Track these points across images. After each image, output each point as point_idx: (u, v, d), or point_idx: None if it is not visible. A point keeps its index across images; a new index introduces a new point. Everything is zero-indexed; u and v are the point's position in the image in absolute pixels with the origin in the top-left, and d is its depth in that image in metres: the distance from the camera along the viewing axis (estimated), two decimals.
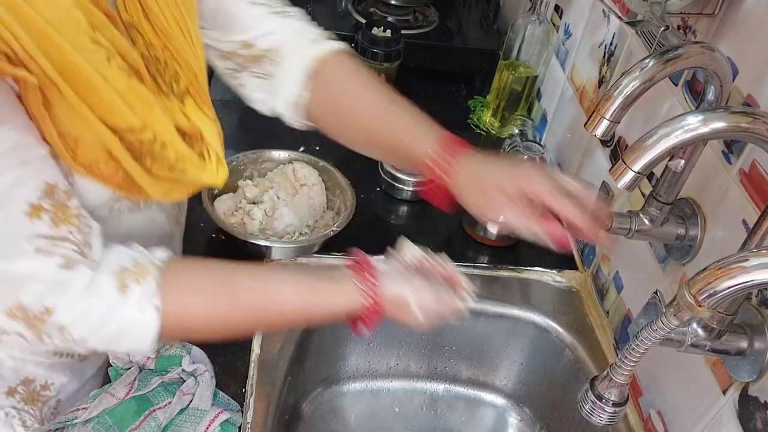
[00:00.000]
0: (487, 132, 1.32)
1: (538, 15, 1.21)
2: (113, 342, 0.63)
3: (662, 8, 0.76)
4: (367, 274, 0.71)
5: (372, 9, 1.48)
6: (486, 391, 1.05)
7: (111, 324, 0.61)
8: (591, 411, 0.62)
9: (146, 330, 0.62)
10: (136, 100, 0.61)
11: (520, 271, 1.02)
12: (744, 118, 0.56)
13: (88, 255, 0.60)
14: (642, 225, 0.76)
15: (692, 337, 0.65)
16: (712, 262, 0.49)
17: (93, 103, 0.57)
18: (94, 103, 0.57)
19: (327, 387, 1.02)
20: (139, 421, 0.73)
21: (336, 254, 0.98)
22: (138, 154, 0.63)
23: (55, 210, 0.57)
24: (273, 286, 0.70)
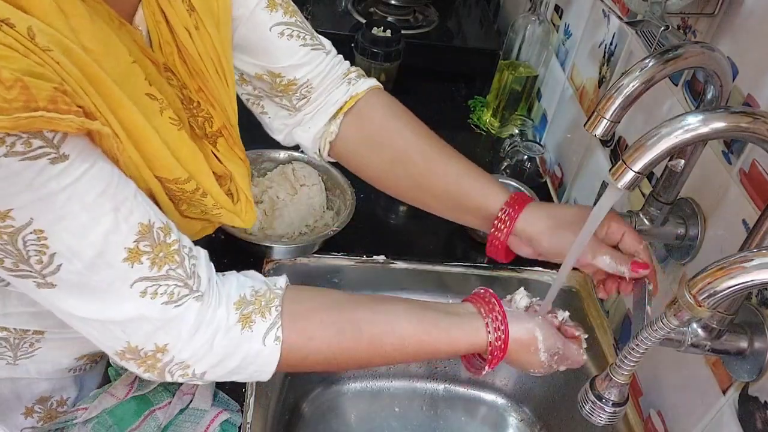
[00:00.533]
0: (487, 132, 1.32)
1: (538, 15, 1.21)
2: (233, 374, 0.63)
3: (662, 8, 0.76)
4: (496, 311, 0.70)
5: (372, 9, 1.48)
6: (486, 391, 1.05)
7: (234, 358, 0.61)
8: (591, 411, 0.62)
9: (268, 361, 0.63)
10: (183, 150, 0.61)
11: (520, 271, 1.02)
12: (744, 118, 0.56)
13: (193, 287, 0.59)
14: (642, 225, 0.76)
15: (692, 337, 0.65)
16: (712, 262, 0.49)
17: (145, 155, 0.58)
18: (146, 155, 0.58)
19: (327, 387, 1.02)
20: (139, 421, 0.73)
21: (336, 254, 0.98)
22: (178, 201, 0.64)
23: (155, 250, 0.56)
24: (395, 319, 0.68)
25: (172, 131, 0.60)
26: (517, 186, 1.10)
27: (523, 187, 1.10)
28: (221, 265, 0.94)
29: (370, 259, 0.99)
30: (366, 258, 0.99)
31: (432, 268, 1.00)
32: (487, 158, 1.26)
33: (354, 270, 0.97)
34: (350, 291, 0.94)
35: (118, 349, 0.58)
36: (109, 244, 0.53)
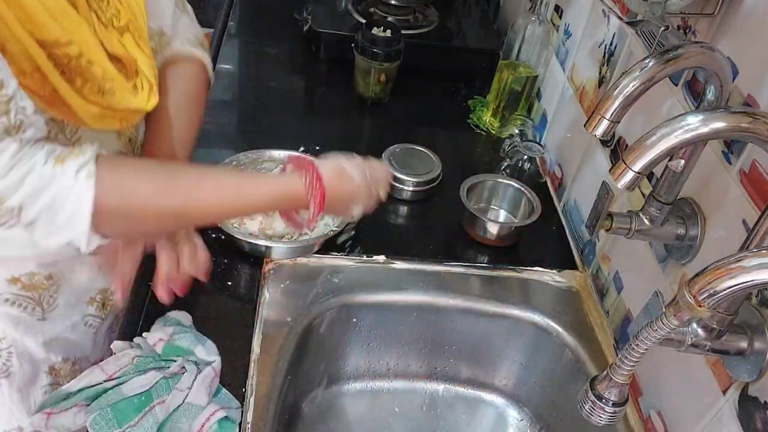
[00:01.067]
0: (487, 132, 1.32)
1: (538, 15, 1.21)
2: (51, 213, 0.63)
3: (662, 8, 0.76)
4: (305, 162, 0.76)
5: (372, 9, 1.48)
6: (486, 391, 1.05)
7: (47, 193, 0.62)
8: (591, 411, 0.62)
9: (81, 199, 0.63)
10: (64, 17, 0.63)
11: (520, 271, 1.02)
12: (744, 118, 0.56)
13: (13, 133, 0.61)
14: (642, 225, 0.76)
15: (692, 337, 0.65)
16: (712, 262, 0.49)
17: (18, 14, 0.59)
18: (20, 14, 0.59)
19: (327, 387, 1.02)
20: (139, 417, 0.73)
21: (336, 254, 0.98)
22: (65, 70, 0.64)
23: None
24: (213, 169, 0.74)
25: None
26: (518, 186, 1.10)
27: (523, 187, 1.10)
28: (221, 265, 0.95)
29: (370, 259, 0.99)
30: (366, 258, 0.99)
31: (432, 268, 1.00)
32: (487, 158, 1.26)
33: (354, 270, 0.97)
34: (350, 291, 0.95)
35: None
36: None
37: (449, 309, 0.97)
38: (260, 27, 1.57)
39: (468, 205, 1.04)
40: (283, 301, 0.91)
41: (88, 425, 0.73)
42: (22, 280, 0.79)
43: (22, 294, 0.80)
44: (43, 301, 0.83)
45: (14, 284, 0.79)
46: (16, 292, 0.80)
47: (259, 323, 0.88)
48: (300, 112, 1.34)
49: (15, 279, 0.79)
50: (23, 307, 0.81)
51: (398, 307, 0.97)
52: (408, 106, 1.38)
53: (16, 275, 0.79)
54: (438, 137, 1.29)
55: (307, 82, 1.43)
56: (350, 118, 1.33)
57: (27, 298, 0.81)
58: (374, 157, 0.84)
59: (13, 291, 0.80)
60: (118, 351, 0.80)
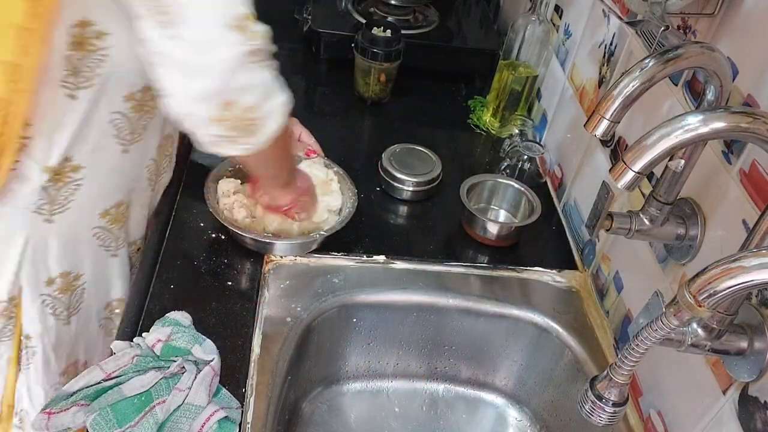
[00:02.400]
0: (487, 132, 1.32)
1: (538, 15, 1.21)
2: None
3: (662, 8, 0.76)
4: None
5: (372, 9, 1.48)
6: (486, 391, 1.05)
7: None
8: (591, 411, 0.62)
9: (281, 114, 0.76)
10: None
11: (520, 271, 1.02)
12: (744, 118, 0.56)
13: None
14: (642, 225, 0.76)
15: (692, 337, 0.65)
16: (712, 262, 0.49)
17: None
18: None
19: (327, 387, 1.02)
20: (139, 417, 0.73)
21: (336, 254, 0.99)
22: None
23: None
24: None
25: None
26: (518, 186, 1.10)
27: (523, 187, 1.10)
28: (221, 265, 0.95)
29: (370, 259, 0.99)
30: (366, 258, 0.99)
31: (432, 268, 1.00)
32: (487, 158, 1.26)
33: (354, 270, 0.97)
34: (350, 291, 0.95)
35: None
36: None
37: (449, 309, 0.97)
38: None
39: (468, 205, 1.04)
40: (283, 300, 0.91)
41: (88, 425, 0.73)
42: (111, 212, 0.88)
43: (108, 228, 0.89)
44: (119, 236, 0.93)
45: (104, 218, 0.88)
46: (104, 225, 0.89)
47: (259, 323, 0.88)
48: (300, 112, 1.33)
49: (106, 212, 0.88)
50: (103, 241, 0.90)
51: (398, 307, 0.97)
52: (408, 106, 1.38)
53: (109, 207, 0.88)
54: (438, 137, 1.29)
55: (307, 82, 1.43)
56: (350, 118, 1.33)
57: (109, 232, 0.90)
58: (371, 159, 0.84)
59: (102, 224, 0.88)
60: (117, 351, 0.80)
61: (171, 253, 0.95)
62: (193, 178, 1.05)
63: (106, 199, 0.87)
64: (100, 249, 0.90)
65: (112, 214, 0.89)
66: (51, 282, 0.86)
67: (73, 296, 0.90)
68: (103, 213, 0.88)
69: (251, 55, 0.68)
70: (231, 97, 0.69)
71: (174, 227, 0.99)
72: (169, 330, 0.81)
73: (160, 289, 0.89)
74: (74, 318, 0.92)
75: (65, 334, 0.92)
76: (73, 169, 0.80)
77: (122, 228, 0.93)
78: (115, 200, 0.88)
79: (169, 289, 0.90)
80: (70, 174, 0.80)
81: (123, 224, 0.92)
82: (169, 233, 0.98)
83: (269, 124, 0.73)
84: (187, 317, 0.85)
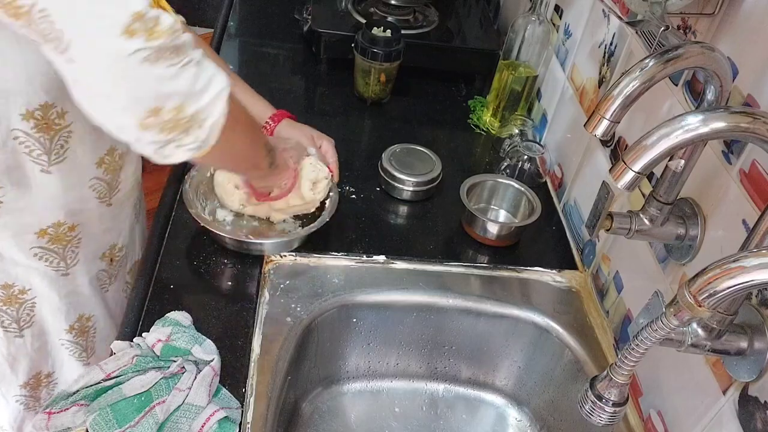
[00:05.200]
0: (487, 132, 1.32)
1: (538, 15, 1.21)
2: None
3: (662, 8, 0.76)
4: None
5: (372, 9, 1.48)
6: (486, 391, 1.05)
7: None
8: (591, 411, 0.62)
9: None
10: None
11: (520, 271, 1.02)
12: (744, 118, 0.56)
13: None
14: (642, 225, 0.76)
15: (692, 337, 0.65)
16: (712, 262, 0.49)
17: None
18: None
19: (327, 387, 1.02)
20: (139, 417, 0.73)
21: (336, 254, 0.99)
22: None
23: None
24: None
25: None
26: (518, 186, 1.10)
27: (523, 187, 1.10)
28: (221, 265, 0.95)
29: (370, 259, 0.99)
30: (366, 258, 0.99)
31: (432, 268, 1.00)
32: (487, 158, 1.26)
33: (354, 270, 0.97)
34: (350, 291, 0.95)
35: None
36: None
37: (449, 309, 0.97)
38: (260, 27, 1.57)
39: (468, 205, 1.04)
40: (282, 301, 0.91)
41: (88, 425, 0.73)
42: (49, 233, 0.86)
43: (48, 248, 0.87)
44: (66, 256, 0.90)
45: (42, 237, 0.86)
46: (43, 245, 0.86)
47: (258, 323, 0.88)
48: (300, 112, 1.33)
49: (43, 231, 0.85)
50: (49, 262, 0.88)
51: (398, 307, 0.97)
52: (408, 106, 1.38)
53: (44, 227, 0.85)
54: (438, 137, 1.29)
55: (307, 82, 1.43)
56: (350, 118, 1.33)
57: (53, 252, 0.88)
58: (371, 159, 0.83)
59: (41, 244, 0.86)
60: (117, 351, 0.80)
61: (171, 253, 0.95)
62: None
63: (39, 219, 0.85)
64: (46, 268, 0.89)
65: (51, 235, 0.87)
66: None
67: (21, 309, 0.89)
68: (40, 233, 0.85)
69: (155, 58, 0.62)
70: (150, 105, 0.63)
71: (174, 227, 0.99)
72: (169, 330, 0.81)
73: (160, 289, 0.89)
74: (27, 332, 0.91)
75: (17, 347, 0.91)
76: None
77: (69, 247, 0.90)
78: (52, 221, 0.85)
79: (169, 289, 0.90)
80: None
81: (68, 243, 0.89)
82: (169, 233, 0.98)
83: (209, 117, 0.67)
84: (187, 317, 0.85)
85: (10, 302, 0.88)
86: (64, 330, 0.95)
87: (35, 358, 0.94)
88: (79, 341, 0.97)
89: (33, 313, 0.90)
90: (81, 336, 0.97)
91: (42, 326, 0.93)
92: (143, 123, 0.64)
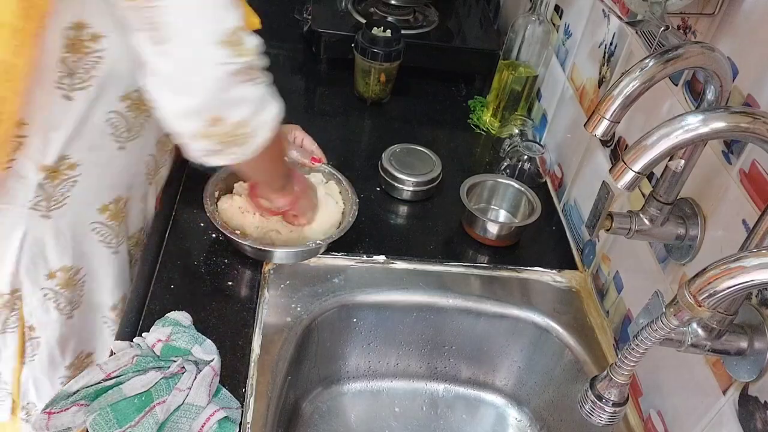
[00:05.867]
0: (487, 132, 1.32)
1: (538, 15, 1.21)
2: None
3: (662, 8, 0.76)
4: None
5: (372, 9, 1.48)
6: (486, 391, 1.05)
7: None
8: (591, 411, 0.62)
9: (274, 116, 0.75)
10: None
11: (520, 271, 1.02)
12: (744, 118, 0.56)
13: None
14: (642, 225, 0.76)
15: (692, 337, 0.65)
16: (712, 262, 0.49)
17: None
18: None
19: (327, 387, 1.02)
20: (139, 417, 0.73)
21: (336, 254, 0.99)
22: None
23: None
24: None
25: None
26: (518, 186, 1.10)
27: (523, 187, 1.10)
28: (221, 265, 0.95)
29: (370, 259, 0.99)
30: (366, 258, 0.99)
31: (432, 268, 1.00)
32: (487, 158, 1.26)
33: (354, 270, 0.97)
34: (350, 291, 0.95)
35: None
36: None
37: (449, 309, 0.97)
38: (260, 27, 1.57)
39: (468, 205, 1.04)
40: (283, 301, 0.91)
41: (88, 425, 0.73)
42: (110, 208, 0.89)
43: (107, 224, 0.89)
44: (119, 233, 0.92)
45: (103, 213, 0.88)
46: (103, 221, 0.89)
47: (259, 323, 0.88)
48: (300, 112, 1.34)
49: (105, 207, 0.88)
50: (103, 237, 0.90)
51: (398, 307, 0.97)
52: (408, 106, 1.38)
53: (107, 202, 0.88)
54: (438, 137, 1.29)
55: (307, 82, 1.43)
56: (350, 118, 1.33)
57: (109, 228, 0.90)
58: (371, 159, 0.84)
59: (101, 220, 0.89)
60: (117, 351, 0.80)
61: (171, 253, 0.95)
62: (193, 178, 1.05)
63: (103, 195, 0.88)
64: (100, 245, 0.90)
65: (112, 210, 0.89)
66: (52, 276, 0.87)
67: (75, 291, 0.91)
68: (102, 209, 0.88)
69: (240, 73, 0.67)
70: (218, 114, 0.68)
71: (174, 227, 0.99)
72: (169, 330, 0.81)
73: (160, 289, 0.89)
74: (77, 312, 0.92)
75: (69, 328, 0.93)
76: (70, 167, 0.81)
77: (122, 224, 0.93)
78: (114, 196, 0.89)
79: (169, 289, 0.90)
80: (66, 171, 0.81)
81: (122, 220, 0.92)
82: (169, 233, 0.98)
83: (257, 138, 0.73)
84: (187, 317, 0.85)
85: (67, 285, 0.89)
86: (108, 307, 0.97)
87: (82, 338, 0.96)
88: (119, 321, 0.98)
89: (82, 292, 0.92)
90: (119, 316, 0.99)
91: (90, 305, 0.94)
92: (205, 131, 0.69)
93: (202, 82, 0.66)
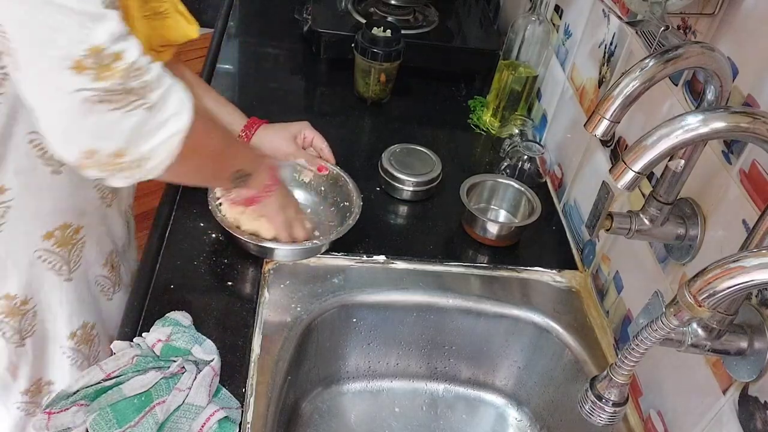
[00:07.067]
0: (487, 132, 1.32)
1: (538, 15, 1.21)
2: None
3: (662, 8, 0.76)
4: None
5: (372, 9, 1.48)
6: (486, 391, 1.06)
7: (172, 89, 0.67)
8: (591, 411, 0.62)
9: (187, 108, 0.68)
10: None
11: (520, 271, 1.02)
12: (744, 118, 0.56)
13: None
14: (642, 225, 0.76)
15: (692, 337, 0.65)
16: (712, 262, 0.49)
17: None
18: None
19: (327, 387, 1.02)
20: (139, 417, 0.73)
21: (336, 254, 0.99)
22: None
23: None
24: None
25: None
26: (518, 186, 1.10)
27: (523, 187, 1.10)
28: (221, 265, 0.95)
29: (370, 259, 0.99)
30: (366, 258, 0.99)
31: (432, 268, 1.00)
32: (487, 158, 1.26)
33: (354, 270, 0.97)
34: (350, 291, 0.95)
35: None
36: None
37: (449, 309, 0.97)
38: (260, 27, 1.57)
39: (468, 205, 1.04)
40: (283, 301, 0.91)
41: (88, 425, 0.73)
42: (56, 235, 0.83)
43: (54, 251, 0.84)
44: (71, 260, 0.87)
45: (48, 240, 0.83)
46: (48, 248, 0.84)
47: (259, 323, 0.88)
48: (300, 112, 1.34)
49: (49, 234, 0.83)
50: (52, 265, 0.85)
51: (398, 307, 0.97)
52: (408, 106, 1.38)
53: (51, 229, 0.83)
54: (438, 137, 1.29)
55: (307, 82, 1.43)
56: (350, 118, 1.33)
57: (58, 255, 0.85)
58: (371, 159, 0.83)
59: (47, 247, 0.83)
60: (117, 351, 0.80)
61: (171, 253, 0.95)
62: None
63: (46, 222, 0.82)
64: (50, 273, 0.86)
65: (58, 237, 0.84)
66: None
67: (24, 319, 0.86)
68: (46, 235, 0.83)
69: (100, 101, 0.59)
70: (88, 147, 0.61)
71: (174, 227, 0.99)
72: (169, 330, 0.81)
73: (160, 289, 0.89)
74: (29, 340, 0.89)
75: (19, 356, 0.89)
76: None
77: (74, 251, 0.87)
78: (59, 222, 0.83)
79: (169, 289, 0.90)
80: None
81: (74, 247, 0.87)
82: (169, 233, 0.98)
83: (153, 161, 0.65)
84: (187, 317, 0.85)
85: (12, 313, 0.85)
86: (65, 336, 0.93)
87: (36, 365, 0.92)
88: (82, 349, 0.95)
89: (35, 321, 0.88)
90: (84, 344, 0.95)
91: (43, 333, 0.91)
92: (80, 163, 0.62)
93: (57, 114, 0.60)
